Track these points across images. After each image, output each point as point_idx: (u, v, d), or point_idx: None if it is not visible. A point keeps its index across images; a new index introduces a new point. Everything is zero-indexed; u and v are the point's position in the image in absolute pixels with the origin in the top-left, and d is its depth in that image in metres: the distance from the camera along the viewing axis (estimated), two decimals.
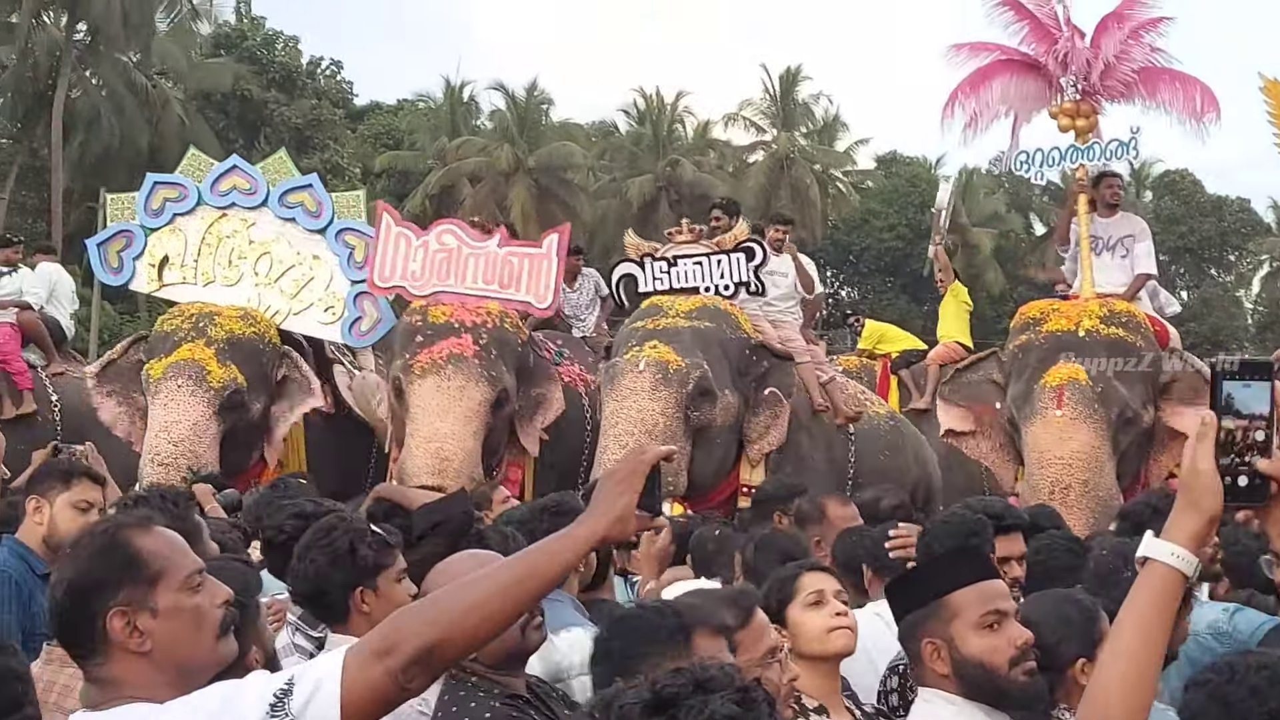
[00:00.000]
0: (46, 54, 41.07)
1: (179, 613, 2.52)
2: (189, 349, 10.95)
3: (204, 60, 46.35)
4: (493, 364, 10.62)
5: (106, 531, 2.58)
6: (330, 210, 11.93)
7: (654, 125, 53.06)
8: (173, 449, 10.46)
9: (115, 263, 12.29)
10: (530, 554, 2.45)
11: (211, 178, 12.11)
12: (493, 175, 47.48)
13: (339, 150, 47.08)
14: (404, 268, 11.39)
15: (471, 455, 10.26)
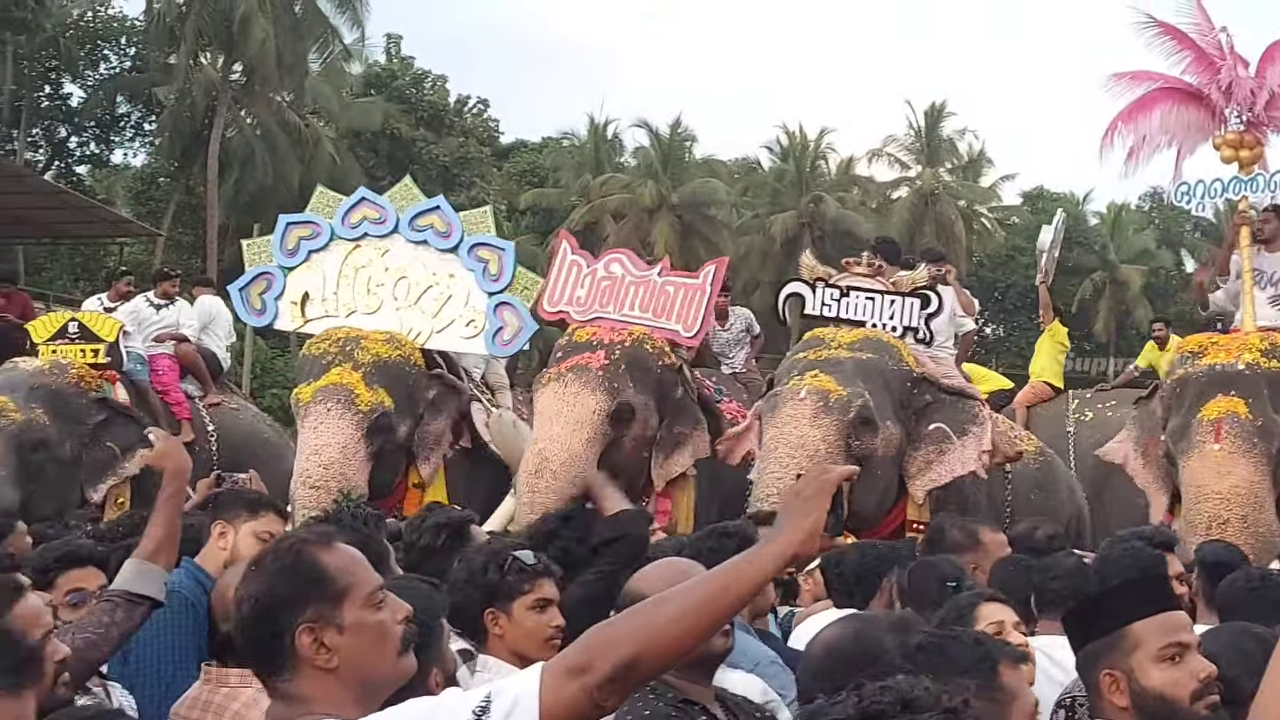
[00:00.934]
0: (203, 94, 42.08)
1: (363, 629, 2.53)
2: (337, 373, 11.06)
3: (354, 100, 47.22)
4: (616, 377, 10.58)
5: (291, 548, 2.59)
6: (459, 229, 11.99)
7: (797, 161, 53.00)
8: (323, 471, 10.56)
9: (258, 305, 12.46)
10: (724, 570, 2.39)
11: (341, 211, 12.24)
12: (636, 212, 47.75)
13: (485, 187, 47.69)
14: (571, 293, 11.48)
15: (576, 458, 10.21)
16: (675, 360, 11.07)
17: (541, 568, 4.18)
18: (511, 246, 11.96)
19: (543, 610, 4.07)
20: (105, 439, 11.80)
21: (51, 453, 11.42)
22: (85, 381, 11.90)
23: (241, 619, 2.54)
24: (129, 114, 46.50)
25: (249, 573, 2.61)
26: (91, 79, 44.73)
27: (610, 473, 10.53)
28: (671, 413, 10.95)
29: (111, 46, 45.21)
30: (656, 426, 10.86)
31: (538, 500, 9.95)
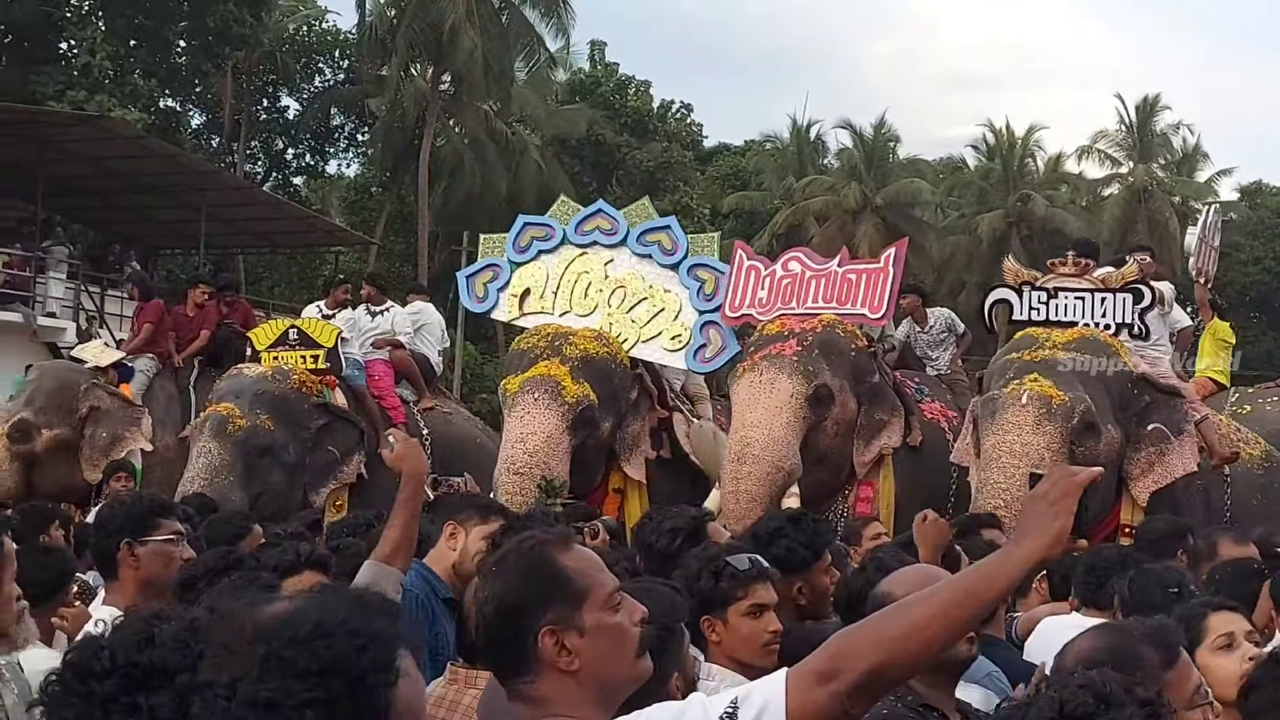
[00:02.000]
0: (414, 104, 43.00)
1: (603, 631, 2.54)
2: (545, 365, 11.31)
3: (560, 107, 47.77)
4: (811, 361, 10.64)
5: (532, 549, 2.61)
6: (685, 248, 12.17)
7: (1004, 159, 52.14)
8: (528, 459, 10.80)
9: (481, 293, 12.83)
10: (969, 575, 2.38)
11: (577, 220, 12.58)
12: (840, 213, 47.47)
13: (688, 192, 47.87)
14: (752, 296, 11.58)
15: (777, 442, 10.27)
16: (868, 343, 11.08)
17: (755, 572, 4.10)
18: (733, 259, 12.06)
19: (758, 616, 4.01)
20: (326, 443, 12.17)
21: (276, 457, 11.81)
22: (306, 387, 12.27)
23: (484, 620, 2.56)
24: (343, 125, 47.80)
25: (490, 573, 2.62)
26: (307, 92, 46.08)
27: (815, 458, 10.60)
28: (868, 398, 10.96)
29: (326, 60, 46.52)
30: (856, 410, 10.87)
31: (742, 487, 10.04)
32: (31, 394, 13.32)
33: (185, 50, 38.53)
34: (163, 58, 37.92)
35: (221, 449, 11.63)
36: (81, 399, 13.28)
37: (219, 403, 12.05)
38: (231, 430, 11.69)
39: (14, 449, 12.96)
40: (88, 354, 14.52)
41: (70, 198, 29.79)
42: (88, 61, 32.45)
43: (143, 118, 33.03)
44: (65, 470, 13.08)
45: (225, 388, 12.37)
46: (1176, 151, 54.57)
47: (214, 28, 35.94)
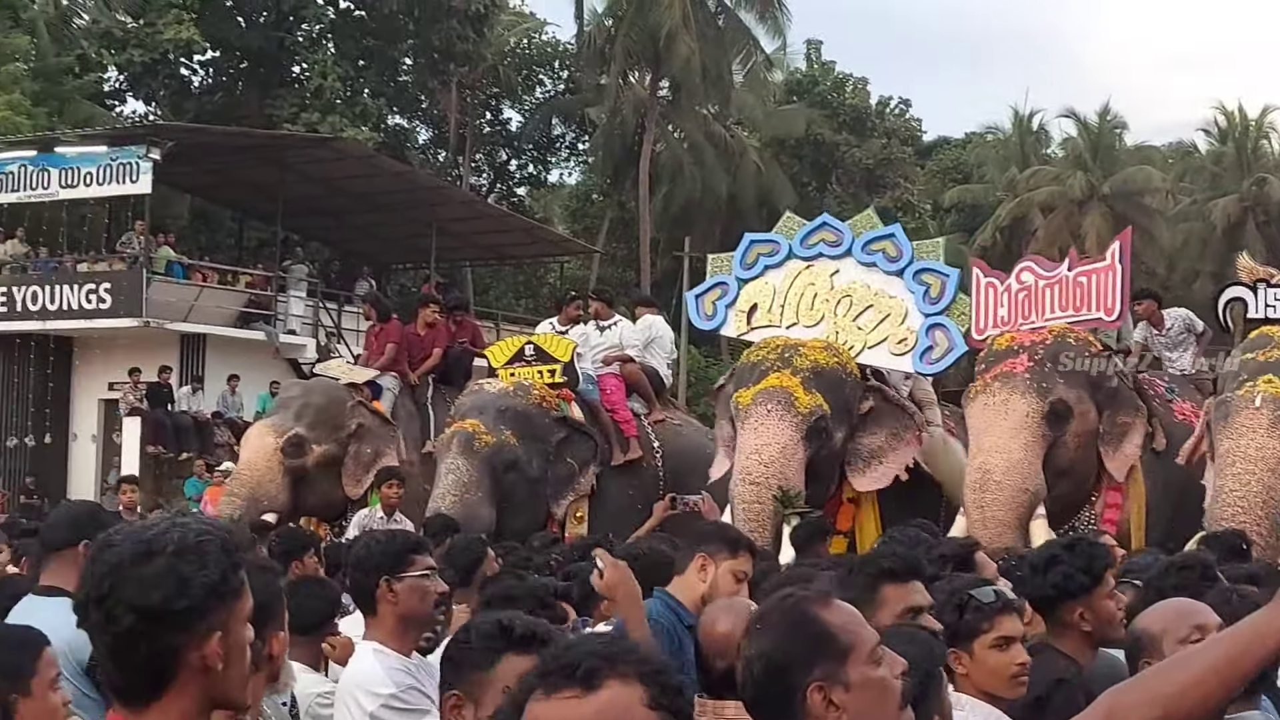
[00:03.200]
0: (633, 111, 43.45)
1: (868, 685, 2.56)
2: (776, 377, 11.36)
3: (778, 108, 47.75)
4: (1044, 377, 10.49)
5: (795, 606, 2.66)
6: (910, 254, 12.12)
7: (1237, 143, 50.46)
8: (764, 469, 10.89)
9: (710, 310, 12.96)
10: (1242, 633, 2.32)
11: (802, 234, 12.62)
12: (1065, 204, 46.53)
13: (909, 188, 47.52)
14: (995, 315, 11.48)
15: (1018, 465, 10.16)
16: (1102, 348, 10.90)
17: (1000, 605, 4.05)
18: (956, 274, 11.99)
19: (1005, 648, 3.97)
20: (565, 455, 12.42)
21: (521, 472, 12.09)
22: (546, 401, 12.52)
23: (752, 677, 2.61)
24: (564, 135, 48.51)
25: (755, 631, 2.68)
26: (528, 104, 46.83)
27: (1057, 472, 10.48)
28: (1108, 403, 10.78)
29: (546, 71, 47.24)
30: (1097, 419, 10.70)
31: (987, 515, 9.94)
32: (299, 410, 13.62)
33: (411, 69, 39.62)
34: (390, 77, 39.02)
35: (470, 465, 11.90)
36: (349, 416, 13.68)
37: (463, 419, 12.31)
38: (478, 446, 11.95)
39: (287, 463, 13.26)
40: (336, 371, 14.96)
41: (306, 217, 30.90)
42: (320, 84, 33.60)
43: (372, 136, 34.06)
44: (329, 486, 13.47)
45: (469, 404, 12.63)
46: None
47: (438, 45, 36.90)
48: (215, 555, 2.23)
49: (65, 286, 25.54)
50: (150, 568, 2.18)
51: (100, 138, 26.15)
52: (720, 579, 4.88)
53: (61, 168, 25.56)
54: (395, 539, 4.56)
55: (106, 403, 26.28)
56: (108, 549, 2.23)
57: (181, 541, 2.21)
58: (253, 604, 2.32)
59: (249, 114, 34.69)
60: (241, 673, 2.30)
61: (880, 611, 3.79)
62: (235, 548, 2.29)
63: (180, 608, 2.18)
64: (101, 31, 33.58)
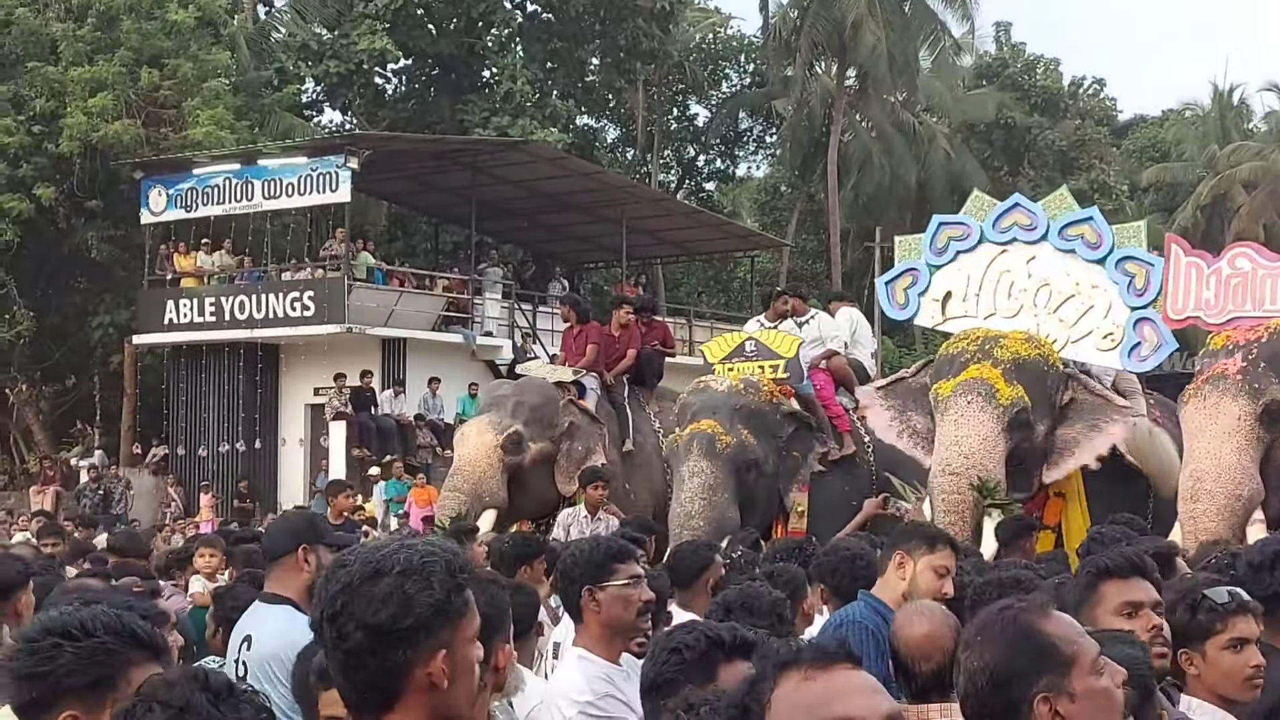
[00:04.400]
0: (820, 102, 43.32)
1: (1093, 695, 2.61)
2: (977, 369, 11.20)
3: (966, 93, 47.17)
4: (1257, 376, 10.11)
5: (1016, 619, 2.70)
6: (1110, 240, 11.85)
7: None
8: (964, 461, 10.75)
9: (901, 299, 12.78)
10: None
11: (994, 216, 12.33)
12: (1270, 180, 45.12)
13: (1104, 169, 46.49)
14: (1198, 297, 11.15)
15: (1229, 470, 9.83)
16: None
17: (1235, 605, 3.99)
18: (1160, 263, 11.60)
19: (1239, 650, 3.92)
20: (793, 449, 12.46)
21: (761, 470, 12.14)
22: (775, 397, 12.57)
23: (976, 689, 2.66)
24: (750, 129, 48.45)
25: (975, 643, 2.72)
26: (715, 98, 46.91)
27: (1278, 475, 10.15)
28: None
29: (732, 65, 47.30)
30: None
31: (1200, 526, 9.68)
32: (515, 408, 13.67)
33: (598, 69, 39.96)
34: (578, 78, 39.40)
35: (714, 467, 11.82)
36: (561, 414, 13.82)
37: (697, 420, 12.21)
38: (720, 448, 11.91)
39: (506, 460, 13.34)
40: (541, 371, 15.12)
41: (499, 220, 31.38)
42: (509, 88, 34.05)
43: (562, 138, 34.43)
44: (543, 484, 13.58)
45: (699, 403, 12.50)
46: None
47: (624, 44, 37.15)
48: (440, 575, 2.33)
49: (271, 295, 26.34)
50: (379, 587, 2.29)
51: (300, 149, 26.92)
52: (920, 575, 4.91)
53: (264, 179, 26.41)
54: (600, 547, 4.64)
55: (312, 408, 27.03)
56: (340, 569, 2.35)
57: (407, 562, 2.32)
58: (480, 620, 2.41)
59: (441, 120, 35.33)
60: (469, 689, 2.39)
61: (1098, 608, 3.81)
62: (460, 569, 2.38)
63: (406, 626, 2.29)
64: (299, 44, 34.52)
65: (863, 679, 2.13)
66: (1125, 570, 3.92)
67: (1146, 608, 3.83)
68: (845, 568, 5.69)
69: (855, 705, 2.08)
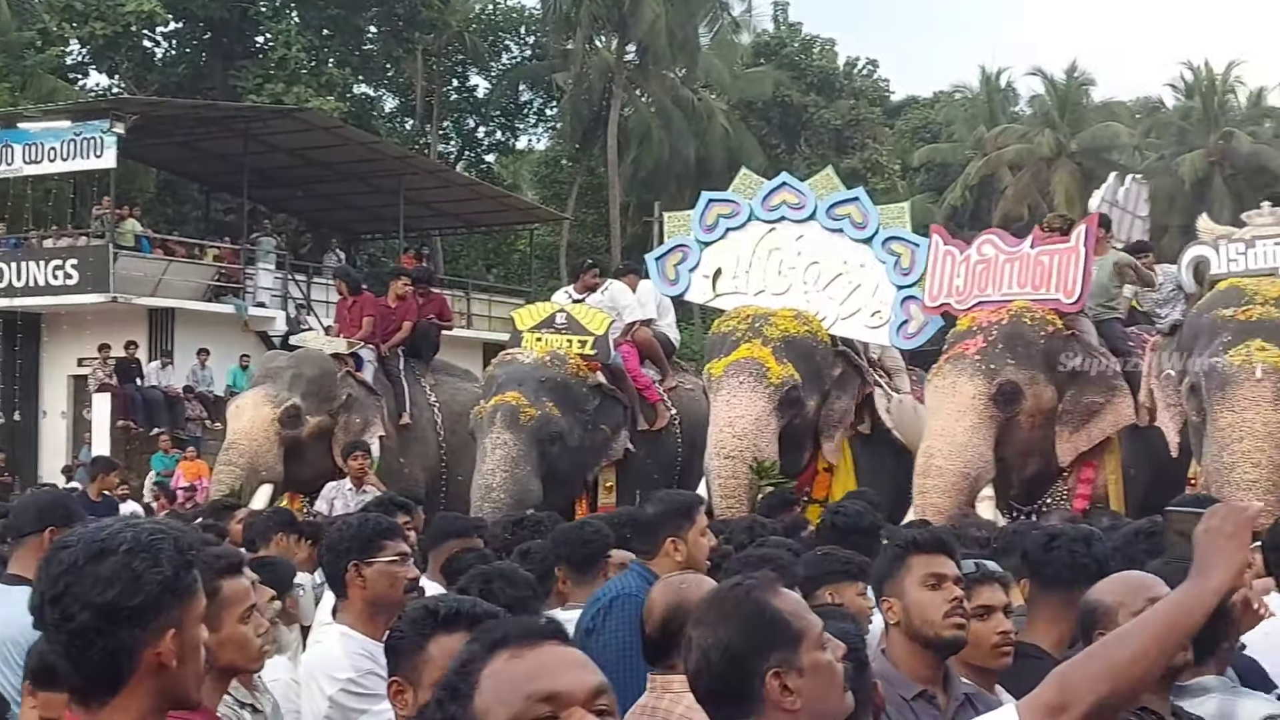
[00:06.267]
0: (600, 76, 43.31)
1: (819, 669, 2.65)
2: (747, 348, 11.34)
3: (745, 70, 47.70)
4: (995, 358, 10.42)
5: (748, 595, 2.73)
6: (876, 221, 12.08)
7: (1203, 97, 50.53)
8: (737, 442, 10.90)
9: (672, 275, 12.86)
10: (1171, 608, 2.55)
11: (762, 194, 12.49)
12: (1034, 162, 46.56)
13: (878, 148, 47.49)
14: (950, 284, 11.39)
15: (961, 449, 10.15)
16: (1066, 329, 10.77)
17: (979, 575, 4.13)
18: (925, 243, 11.87)
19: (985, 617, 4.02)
20: (600, 422, 12.42)
21: (564, 443, 12.08)
22: (581, 371, 12.47)
23: (709, 665, 2.67)
24: (531, 101, 48.26)
25: (708, 619, 2.74)
26: (495, 70, 46.60)
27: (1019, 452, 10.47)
28: (1071, 382, 10.70)
29: (512, 37, 46.98)
30: (1053, 399, 10.63)
31: (928, 500, 9.95)
32: (292, 380, 13.48)
33: (376, 37, 39.39)
34: (355, 45, 38.81)
35: (516, 439, 11.83)
36: (339, 386, 13.63)
37: (502, 392, 12.19)
38: (524, 420, 11.90)
39: (283, 433, 13.17)
40: (316, 343, 14.83)
41: (273, 189, 30.78)
42: (284, 54, 33.40)
43: (338, 106, 33.90)
44: (320, 457, 13.37)
45: (505, 375, 12.48)
46: None
47: (403, 13, 36.73)
48: (169, 553, 2.24)
49: (32, 263, 25.44)
50: (104, 566, 2.20)
51: (64, 112, 26.05)
52: (693, 545, 5.03)
53: (25, 143, 25.41)
54: (367, 523, 4.57)
55: (76, 379, 26.18)
56: (63, 550, 2.25)
57: (135, 540, 2.23)
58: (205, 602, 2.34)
59: (214, 85, 34.50)
60: (197, 670, 2.32)
61: (905, 579, 3.89)
62: (189, 546, 2.30)
63: (135, 604, 2.20)
64: (63, 5, 33.26)
65: (570, 654, 2.12)
66: (931, 546, 4.01)
67: (949, 580, 3.90)
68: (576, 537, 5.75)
69: (563, 680, 2.06)
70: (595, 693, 2.08)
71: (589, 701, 2.06)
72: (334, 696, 4.20)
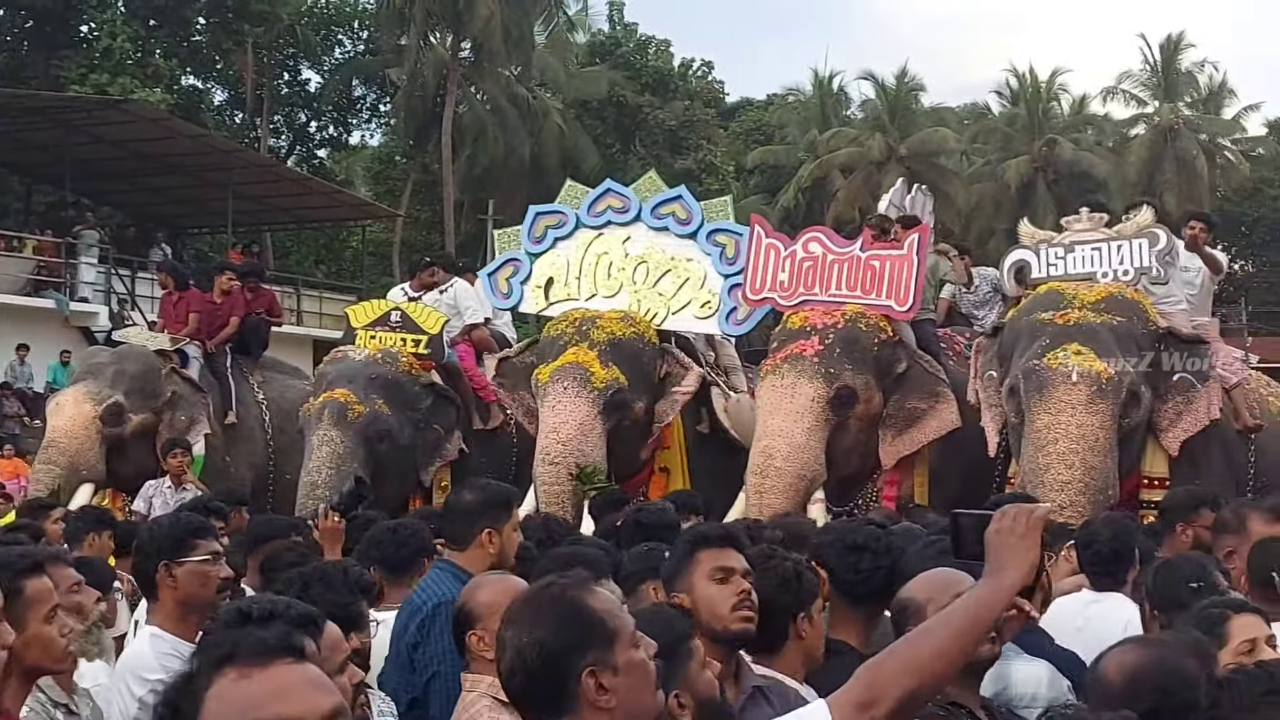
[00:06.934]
0: (434, 73, 42.98)
1: (633, 668, 2.68)
2: (573, 353, 11.34)
3: (580, 70, 47.74)
4: (831, 361, 10.51)
5: (562, 594, 2.74)
6: (700, 216, 12.15)
7: (1028, 104, 51.83)
8: (562, 449, 10.86)
9: (505, 288, 12.82)
10: (969, 605, 2.67)
11: (588, 202, 12.54)
12: (865, 165, 47.34)
13: (712, 150, 47.83)
14: (773, 279, 11.44)
15: (799, 450, 10.20)
16: (894, 334, 10.91)
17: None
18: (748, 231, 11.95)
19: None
20: (433, 421, 12.29)
21: (394, 441, 11.92)
22: (414, 368, 12.35)
23: (524, 664, 2.67)
24: (364, 96, 47.74)
25: (522, 618, 2.74)
26: (328, 64, 46.03)
27: (841, 453, 10.60)
28: (897, 388, 10.85)
29: (345, 31, 46.43)
30: (881, 404, 10.79)
31: (765, 500, 9.99)
32: (114, 377, 13.10)
33: (205, 28, 38.63)
34: (183, 37, 38.02)
35: (343, 436, 11.64)
36: (164, 384, 13.29)
37: (332, 389, 12.00)
38: (352, 417, 11.73)
39: (106, 431, 12.80)
40: (140, 339, 14.47)
41: (97, 181, 30.14)
42: (109, 44, 32.58)
43: (165, 98, 33.16)
44: (143, 456, 12.96)
45: (335, 373, 12.30)
46: (1202, 89, 54.09)
47: (232, 4, 36.06)
48: None
49: None
50: None
51: None
52: (507, 542, 4.99)
53: None
54: (178, 522, 4.49)
55: None
56: None
57: None
58: None
59: (36, 75, 33.56)
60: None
61: (694, 573, 3.94)
62: None
63: None
64: None
65: (304, 674, 2.03)
66: (719, 540, 4.06)
67: (737, 574, 3.94)
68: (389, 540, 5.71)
69: (295, 705, 1.98)
70: (330, 716, 2.01)
71: None
72: (143, 698, 4.10)
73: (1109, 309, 10.05)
